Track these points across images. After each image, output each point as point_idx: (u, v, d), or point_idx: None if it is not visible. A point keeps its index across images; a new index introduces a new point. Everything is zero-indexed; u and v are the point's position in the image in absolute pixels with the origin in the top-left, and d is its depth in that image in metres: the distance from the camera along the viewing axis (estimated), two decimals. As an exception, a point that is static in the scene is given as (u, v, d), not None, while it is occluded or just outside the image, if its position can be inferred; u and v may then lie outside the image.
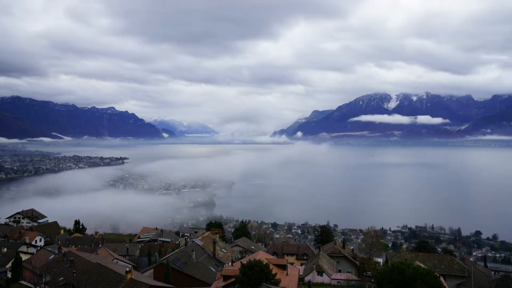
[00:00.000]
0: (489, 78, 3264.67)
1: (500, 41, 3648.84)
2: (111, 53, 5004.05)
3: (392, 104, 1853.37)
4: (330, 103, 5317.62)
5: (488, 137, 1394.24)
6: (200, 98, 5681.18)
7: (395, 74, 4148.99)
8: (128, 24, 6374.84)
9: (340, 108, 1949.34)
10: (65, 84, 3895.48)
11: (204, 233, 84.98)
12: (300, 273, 63.18)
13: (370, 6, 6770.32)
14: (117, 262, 59.48)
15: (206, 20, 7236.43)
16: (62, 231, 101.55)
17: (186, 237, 79.35)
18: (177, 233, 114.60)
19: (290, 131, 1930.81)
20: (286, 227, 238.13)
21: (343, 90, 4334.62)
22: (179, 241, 78.42)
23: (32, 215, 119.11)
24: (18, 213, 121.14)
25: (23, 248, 68.03)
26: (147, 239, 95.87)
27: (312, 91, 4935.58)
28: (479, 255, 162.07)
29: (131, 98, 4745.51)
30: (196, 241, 64.50)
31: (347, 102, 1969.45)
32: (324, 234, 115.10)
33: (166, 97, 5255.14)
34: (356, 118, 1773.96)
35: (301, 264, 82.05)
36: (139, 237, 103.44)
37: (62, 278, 44.53)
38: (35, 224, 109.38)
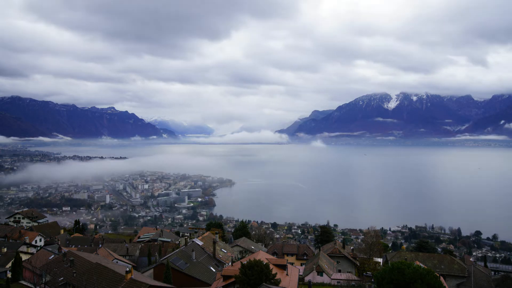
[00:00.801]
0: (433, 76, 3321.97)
1: (442, 40, 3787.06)
2: (64, 53, 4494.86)
3: (392, 104, 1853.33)
4: (318, 102, 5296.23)
5: (488, 137, 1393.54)
6: (187, 97, 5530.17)
7: (363, 72, 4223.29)
8: (63, 21, 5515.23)
9: (340, 108, 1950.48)
10: (46, 84, 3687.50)
11: (204, 233, 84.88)
12: (300, 273, 63.17)
13: (306, 6, 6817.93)
14: (117, 262, 59.43)
15: (156, 19, 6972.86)
16: (62, 231, 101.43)
17: (186, 237, 79.30)
18: (177, 233, 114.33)
19: (291, 131, 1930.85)
20: (286, 227, 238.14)
21: (324, 89, 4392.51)
22: (179, 241, 78.42)
23: (32, 215, 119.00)
24: (18, 213, 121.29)
25: (23, 248, 67.95)
26: (147, 239, 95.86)
27: (296, 90, 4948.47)
28: (479, 255, 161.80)
29: (121, 99, 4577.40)
30: (196, 241, 64.40)
31: (347, 102, 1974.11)
32: (324, 234, 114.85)
33: (155, 97, 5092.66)
34: (356, 118, 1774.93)
35: (301, 264, 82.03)
36: (139, 237, 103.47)
37: (62, 278, 44.49)
38: (35, 224, 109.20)
